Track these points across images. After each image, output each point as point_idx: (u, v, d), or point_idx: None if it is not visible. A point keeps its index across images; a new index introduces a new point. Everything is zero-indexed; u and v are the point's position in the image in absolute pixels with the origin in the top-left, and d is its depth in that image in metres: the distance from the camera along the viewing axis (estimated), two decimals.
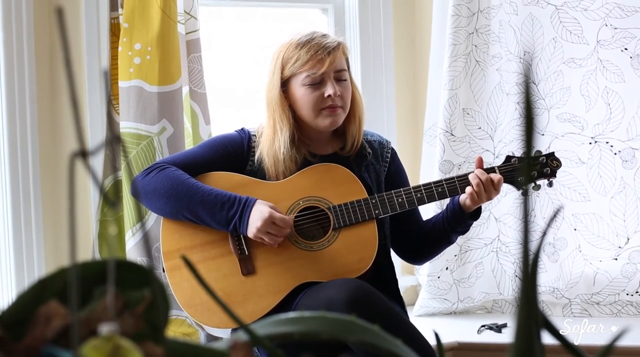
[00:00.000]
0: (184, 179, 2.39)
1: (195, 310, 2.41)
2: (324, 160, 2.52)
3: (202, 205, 2.37)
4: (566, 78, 3.26)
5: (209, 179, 2.45)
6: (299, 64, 2.43)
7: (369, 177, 2.54)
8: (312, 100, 2.44)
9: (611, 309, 3.22)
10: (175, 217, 2.42)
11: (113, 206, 0.70)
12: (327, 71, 2.44)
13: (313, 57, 2.43)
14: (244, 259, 2.44)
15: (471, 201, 2.43)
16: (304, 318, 0.78)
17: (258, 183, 2.47)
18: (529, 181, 0.62)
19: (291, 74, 2.45)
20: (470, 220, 2.50)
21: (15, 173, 2.91)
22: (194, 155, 2.50)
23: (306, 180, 2.47)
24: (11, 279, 2.91)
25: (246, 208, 2.36)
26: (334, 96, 2.44)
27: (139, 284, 0.70)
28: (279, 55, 2.47)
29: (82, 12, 3.04)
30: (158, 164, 2.45)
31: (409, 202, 2.46)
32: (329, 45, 2.44)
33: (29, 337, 0.67)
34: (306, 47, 2.43)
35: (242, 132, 2.54)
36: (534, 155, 2.50)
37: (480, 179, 2.41)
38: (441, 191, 2.46)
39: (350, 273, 2.39)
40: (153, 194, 2.40)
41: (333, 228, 2.45)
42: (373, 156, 2.57)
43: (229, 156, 2.49)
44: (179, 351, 0.70)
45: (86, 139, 2.34)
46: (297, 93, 2.45)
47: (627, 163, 3.21)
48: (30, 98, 2.94)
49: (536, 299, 0.63)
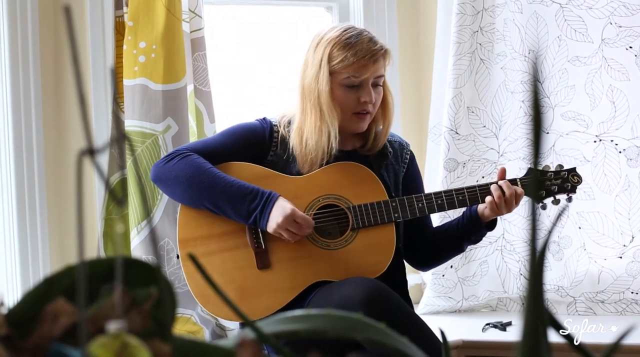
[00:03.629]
0: (206, 168, 2.38)
1: (207, 300, 2.41)
2: (346, 156, 2.51)
3: (223, 195, 2.36)
4: (571, 76, 3.26)
5: (229, 169, 2.44)
6: (344, 65, 2.41)
7: (388, 177, 2.54)
8: (347, 102, 2.43)
9: (616, 308, 3.22)
10: (195, 206, 2.41)
11: (120, 203, 0.70)
12: (368, 77, 2.43)
13: (359, 61, 2.40)
14: (261, 253, 2.43)
15: (490, 211, 2.43)
16: (311, 316, 0.78)
17: (278, 177, 2.46)
18: (542, 189, 0.62)
19: (332, 71, 2.43)
20: (485, 230, 2.50)
21: (20, 171, 2.91)
22: (215, 143, 2.48)
23: (327, 177, 2.46)
24: (17, 277, 2.91)
25: (268, 202, 2.35)
26: (369, 103, 2.44)
27: (146, 281, 0.71)
28: (326, 48, 2.43)
29: (87, 11, 3.04)
30: (180, 150, 2.43)
31: (429, 208, 2.46)
32: (376, 51, 2.43)
33: (36, 335, 0.67)
34: (354, 49, 2.41)
35: (264, 121, 2.52)
36: (555, 169, 2.52)
37: (503, 191, 2.41)
38: (462, 199, 2.46)
39: (366, 274, 2.37)
40: (174, 180, 2.39)
41: (351, 228, 2.44)
42: (393, 156, 2.57)
43: (250, 145, 2.48)
44: (186, 349, 0.70)
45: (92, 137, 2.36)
46: (333, 92, 2.44)
47: (632, 161, 3.20)
48: (36, 96, 2.94)
49: (543, 298, 0.63)
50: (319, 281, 2.40)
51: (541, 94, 0.58)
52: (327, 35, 2.45)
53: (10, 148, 2.90)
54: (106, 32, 3.03)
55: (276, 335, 0.77)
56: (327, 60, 2.42)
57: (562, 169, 2.52)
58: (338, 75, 2.43)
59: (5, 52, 2.90)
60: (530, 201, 0.60)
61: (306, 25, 3.65)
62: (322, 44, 2.44)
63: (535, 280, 0.62)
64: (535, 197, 0.61)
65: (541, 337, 0.64)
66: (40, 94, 2.96)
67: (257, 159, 2.48)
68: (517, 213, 3.31)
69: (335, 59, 2.42)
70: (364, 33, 2.46)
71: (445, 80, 3.37)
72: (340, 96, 2.43)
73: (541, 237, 0.62)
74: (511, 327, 3.07)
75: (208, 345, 0.72)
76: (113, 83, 3.10)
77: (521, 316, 0.63)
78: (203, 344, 0.72)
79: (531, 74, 0.57)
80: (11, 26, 2.90)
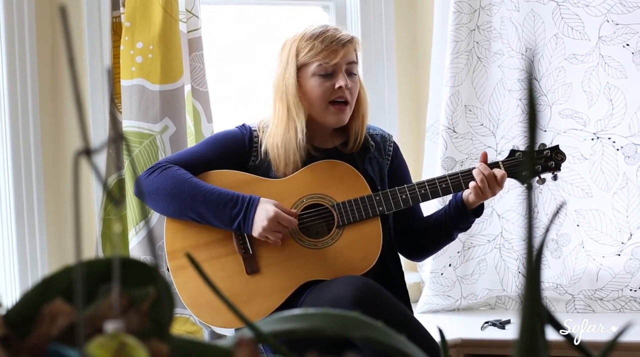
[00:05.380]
0: (186, 178, 2.39)
1: (200, 310, 2.41)
2: (327, 154, 2.52)
3: (205, 204, 2.37)
4: (568, 74, 3.26)
5: (211, 177, 2.45)
6: (313, 54, 2.44)
7: (372, 171, 2.54)
8: (322, 90, 2.45)
9: (614, 305, 3.22)
10: (179, 217, 2.42)
11: (117, 203, 0.70)
12: (340, 62, 2.45)
13: (327, 47, 2.44)
14: (249, 258, 2.43)
15: (475, 196, 2.42)
16: (308, 315, 0.78)
17: (261, 181, 2.47)
18: (534, 175, 0.62)
19: (303, 64, 2.45)
20: (473, 217, 2.50)
21: (18, 172, 2.91)
22: (195, 153, 2.50)
23: (309, 177, 2.47)
24: (15, 277, 2.91)
25: (250, 207, 2.36)
26: (344, 88, 2.44)
27: (143, 281, 0.71)
28: (292, 45, 2.47)
29: (83, 11, 3.04)
30: (160, 163, 2.45)
31: (413, 199, 2.45)
32: (343, 37, 2.46)
33: (34, 336, 0.67)
34: (320, 37, 2.45)
35: (243, 128, 2.53)
36: (538, 148, 2.48)
37: (483, 174, 2.40)
38: (445, 187, 2.45)
39: (355, 270, 2.38)
40: (156, 193, 2.40)
41: (337, 225, 2.45)
42: (376, 149, 2.57)
43: (231, 153, 2.49)
44: (184, 349, 0.70)
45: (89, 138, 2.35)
46: (308, 83, 2.45)
47: (630, 159, 3.21)
48: (33, 97, 2.94)
49: (540, 295, 0.63)
50: (309, 281, 2.41)
51: (536, 92, 0.58)
52: (293, 36, 2.50)
53: (8, 148, 2.90)
54: (103, 32, 3.03)
55: (274, 334, 0.77)
56: (294, 55, 2.46)
57: (544, 147, 2.50)
58: (309, 66, 2.45)
59: (2, 52, 2.90)
60: (525, 197, 0.60)
61: (303, 25, 3.65)
62: (288, 43, 2.49)
63: (532, 278, 0.62)
64: (525, 181, 0.61)
65: (539, 335, 0.64)
66: (38, 95, 2.96)
67: (239, 165, 2.49)
68: (515, 211, 3.31)
69: (302, 50, 2.45)
70: (328, 25, 2.52)
71: (442, 78, 3.37)
72: (314, 87, 2.45)
73: (539, 235, 0.62)
74: (510, 325, 3.07)
75: (206, 345, 0.72)
76: (110, 83, 3.10)
77: (519, 314, 0.63)
78: (201, 344, 0.72)
79: (527, 71, 0.57)
80: (8, 26, 2.90)
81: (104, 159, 2.89)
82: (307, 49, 2.44)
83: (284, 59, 2.48)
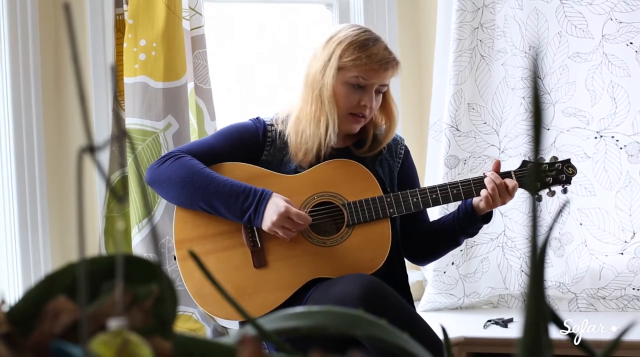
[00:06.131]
0: (199, 168, 2.39)
1: (205, 300, 2.41)
2: (340, 153, 2.52)
3: (216, 195, 2.36)
4: (571, 72, 3.26)
5: (223, 169, 2.45)
6: (355, 64, 2.41)
7: (383, 172, 2.54)
8: (348, 102, 2.43)
9: (617, 304, 3.22)
10: (189, 207, 2.42)
11: (120, 201, 0.70)
12: (375, 83, 2.44)
13: (372, 64, 2.41)
14: (257, 252, 2.43)
15: (485, 204, 2.43)
16: (312, 312, 0.78)
17: (273, 175, 2.46)
18: (538, 182, 0.62)
19: (341, 67, 2.43)
20: (481, 223, 2.50)
21: (21, 169, 2.91)
22: (208, 144, 2.49)
23: (321, 175, 2.47)
24: (18, 274, 2.92)
25: (262, 201, 2.36)
26: (367, 107, 2.44)
27: (147, 278, 0.71)
28: (339, 46, 2.43)
29: (87, 9, 3.04)
30: (173, 152, 2.44)
31: (424, 203, 2.46)
32: (389, 60, 2.44)
33: (38, 333, 0.67)
34: (369, 51, 2.42)
35: (257, 121, 2.52)
36: (550, 161, 2.52)
37: (495, 183, 2.41)
38: (456, 193, 2.46)
39: (362, 270, 2.38)
40: (168, 182, 2.39)
41: (347, 225, 2.44)
42: (387, 151, 2.57)
43: (244, 145, 2.48)
44: (187, 346, 0.70)
45: (93, 135, 2.35)
46: (337, 86, 2.43)
47: (633, 157, 3.20)
48: (36, 94, 2.94)
49: (544, 294, 0.63)
50: (315, 278, 2.41)
51: (541, 89, 0.58)
52: (343, 33, 2.46)
53: (11, 146, 2.90)
54: (106, 30, 3.03)
55: (277, 332, 0.77)
56: (338, 56, 2.42)
57: (556, 160, 2.52)
58: (346, 72, 2.42)
59: (5, 50, 2.90)
60: (530, 197, 0.60)
61: (306, 23, 3.65)
62: (336, 40, 2.44)
63: (536, 276, 0.62)
64: (532, 190, 0.61)
65: (542, 334, 0.64)
66: (41, 92, 2.96)
67: (251, 158, 2.48)
68: (518, 210, 3.31)
69: (348, 56, 2.41)
70: (380, 39, 2.48)
71: (445, 77, 3.37)
72: (342, 94, 2.43)
73: (542, 234, 0.62)
74: (512, 323, 3.07)
75: (209, 342, 0.72)
76: (113, 81, 3.10)
77: (522, 313, 0.63)
78: (204, 341, 0.72)
79: (531, 70, 0.56)
80: (11, 24, 2.90)
81: (107, 157, 2.90)
82: (352, 57, 2.41)
83: (326, 56, 2.44)
